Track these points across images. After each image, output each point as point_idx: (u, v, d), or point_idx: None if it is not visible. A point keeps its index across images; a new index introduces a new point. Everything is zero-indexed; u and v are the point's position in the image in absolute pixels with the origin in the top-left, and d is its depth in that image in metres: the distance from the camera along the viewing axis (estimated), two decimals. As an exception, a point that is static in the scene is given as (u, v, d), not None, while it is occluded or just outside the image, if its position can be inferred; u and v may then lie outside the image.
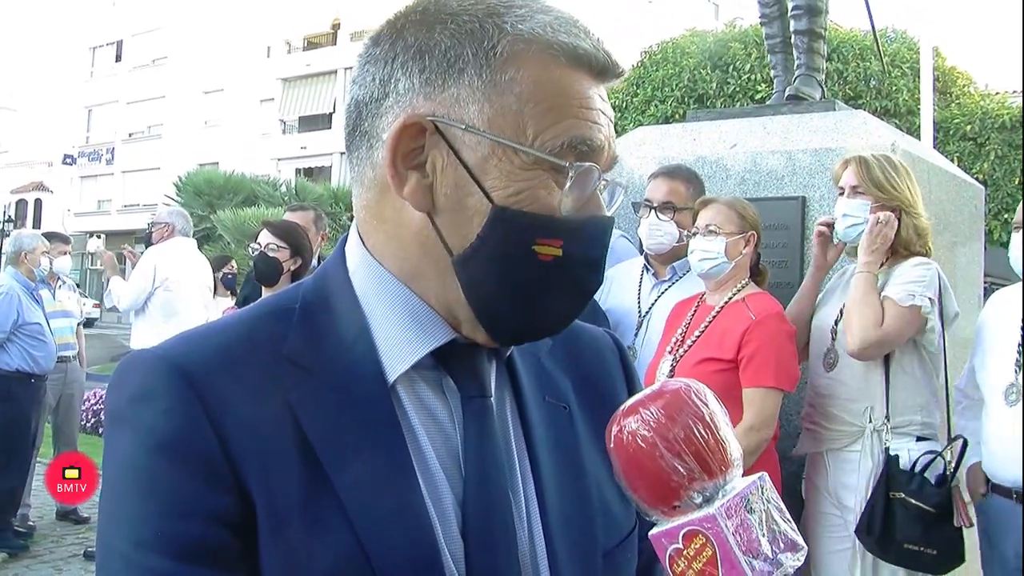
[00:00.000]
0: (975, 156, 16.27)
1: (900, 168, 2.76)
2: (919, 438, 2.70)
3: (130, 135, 41.06)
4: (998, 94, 18.10)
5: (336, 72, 33.73)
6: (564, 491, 0.86)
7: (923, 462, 2.61)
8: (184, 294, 5.48)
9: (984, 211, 4.28)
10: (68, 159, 42.30)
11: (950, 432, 2.75)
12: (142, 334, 5.42)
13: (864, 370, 2.71)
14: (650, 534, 0.77)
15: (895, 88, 16.89)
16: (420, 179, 0.80)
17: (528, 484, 0.85)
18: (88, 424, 8.31)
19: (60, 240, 6.19)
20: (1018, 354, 2.72)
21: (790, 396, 2.78)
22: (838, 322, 2.79)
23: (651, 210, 3.00)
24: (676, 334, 2.80)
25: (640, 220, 3.07)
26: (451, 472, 0.81)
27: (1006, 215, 14.74)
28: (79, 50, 44.15)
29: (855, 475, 2.68)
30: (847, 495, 2.71)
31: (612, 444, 0.77)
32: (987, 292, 3.84)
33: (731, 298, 2.75)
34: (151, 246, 5.71)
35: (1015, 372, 2.72)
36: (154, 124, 39.99)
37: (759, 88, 16.28)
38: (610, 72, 0.83)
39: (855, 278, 2.71)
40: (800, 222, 3.27)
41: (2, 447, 5.39)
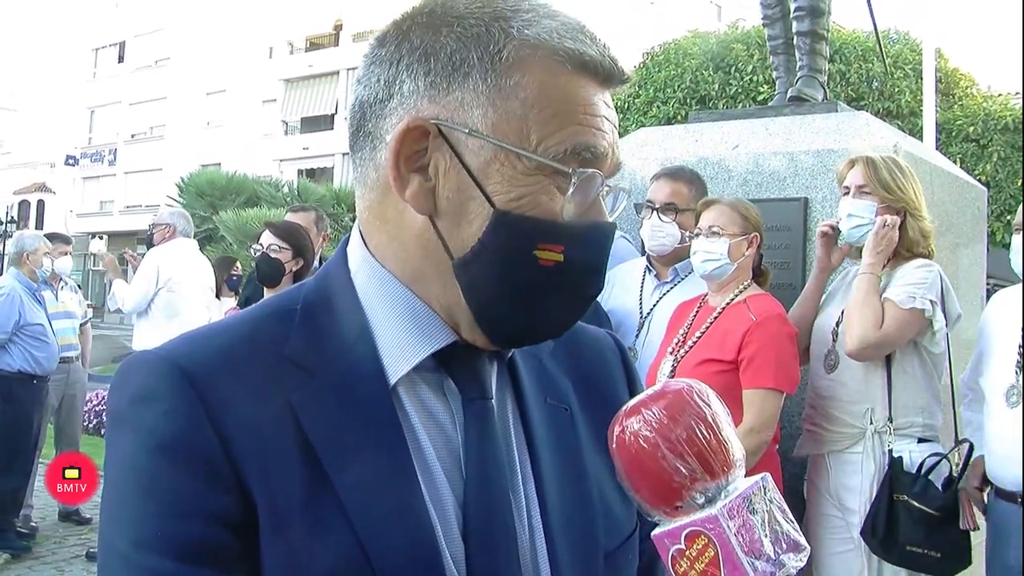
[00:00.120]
0: (978, 158, 16.27)
1: (906, 170, 2.76)
2: (920, 439, 2.69)
3: (132, 136, 41.12)
4: (1001, 96, 18.07)
5: (338, 73, 33.74)
6: (565, 492, 0.86)
7: (928, 464, 2.61)
8: (186, 295, 5.49)
9: (987, 213, 4.28)
10: (71, 160, 42.36)
11: (957, 434, 2.75)
12: (144, 335, 5.43)
13: (865, 372, 2.71)
14: (652, 534, 0.77)
15: (897, 89, 16.89)
16: (422, 182, 0.79)
17: (529, 485, 0.85)
18: (90, 425, 8.32)
19: (61, 240, 6.19)
20: (1019, 355, 2.72)
21: (791, 397, 2.77)
22: (839, 324, 2.78)
23: (653, 211, 2.99)
24: (678, 335, 2.80)
25: (642, 221, 3.06)
26: (452, 473, 0.81)
27: (1008, 217, 14.70)
28: (82, 51, 44.24)
29: (857, 477, 2.68)
30: (849, 497, 2.70)
31: (614, 445, 0.77)
32: (989, 294, 3.83)
33: (733, 299, 2.75)
34: (153, 247, 5.71)
35: (1016, 373, 2.71)
36: (156, 125, 40.05)
37: (761, 89, 16.29)
38: (615, 78, 0.83)
39: (857, 279, 2.71)
40: (802, 223, 3.27)
41: (4, 448, 5.39)
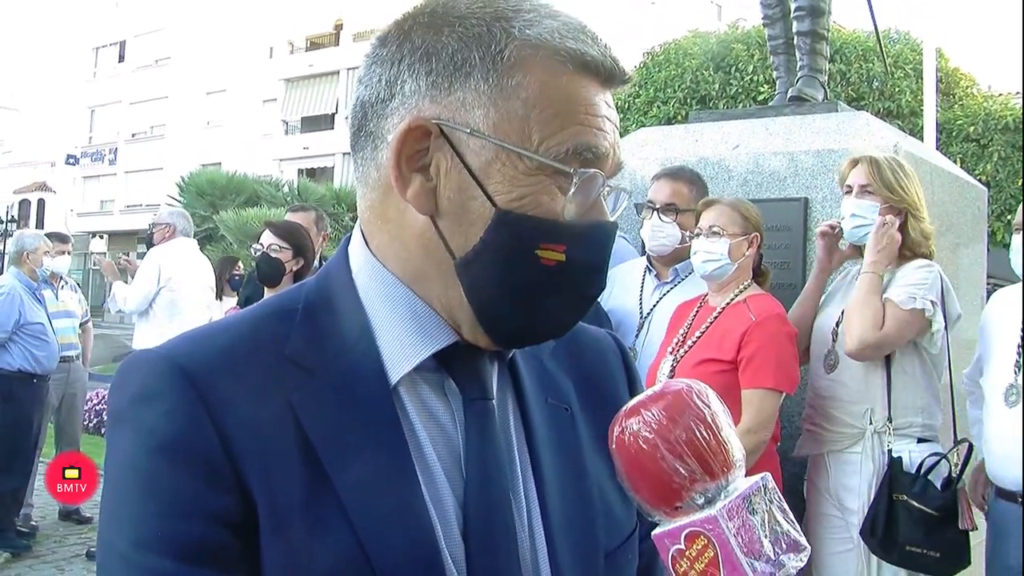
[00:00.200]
0: (978, 158, 16.27)
1: (908, 171, 2.76)
2: (920, 439, 2.69)
3: (133, 135, 41.09)
4: (1001, 96, 18.07)
5: (339, 73, 33.73)
6: (566, 492, 0.86)
7: (927, 464, 2.61)
8: (186, 294, 5.48)
9: (987, 212, 4.28)
10: (71, 159, 42.33)
11: (956, 434, 2.75)
12: (145, 335, 5.42)
13: (865, 372, 2.71)
14: (653, 534, 0.78)
15: (898, 89, 16.89)
16: (424, 182, 0.79)
17: (530, 485, 0.85)
18: (91, 424, 8.32)
19: (58, 239, 6.17)
20: (1018, 355, 2.72)
21: (791, 397, 2.77)
22: (839, 324, 2.78)
23: (654, 212, 2.99)
24: (677, 335, 2.80)
25: (643, 222, 3.06)
26: (452, 474, 0.81)
27: (1009, 216, 14.70)
28: (82, 50, 44.22)
29: (856, 477, 2.68)
30: (848, 497, 2.71)
31: (614, 445, 0.78)
32: (990, 293, 3.83)
33: (733, 299, 2.74)
34: (153, 247, 5.71)
35: (1015, 373, 2.72)
36: (157, 124, 40.02)
37: (761, 89, 16.29)
38: (617, 78, 0.83)
39: (860, 278, 2.71)
40: (802, 223, 3.27)
41: (4, 447, 5.39)
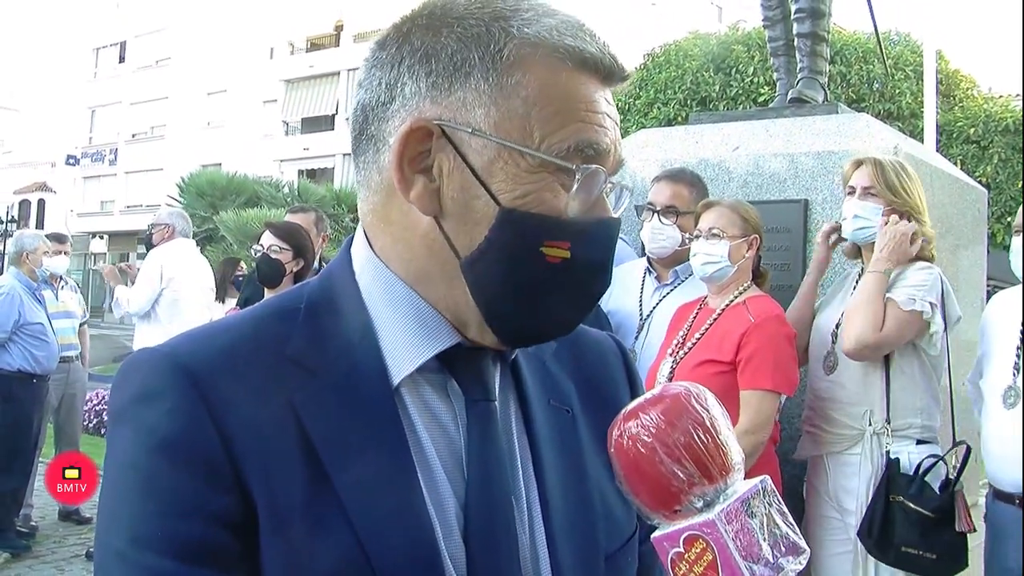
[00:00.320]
0: (978, 159, 16.28)
1: (911, 173, 2.76)
2: (919, 441, 2.69)
3: (133, 136, 41.08)
4: (1001, 97, 18.09)
5: (339, 74, 33.72)
6: (567, 495, 0.86)
7: (925, 466, 2.61)
8: (187, 295, 5.48)
9: (987, 214, 4.28)
10: (71, 160, 42.30)
11: (955, 435, 2.75)
12: (145, 335, 5.42)
13: (864, 373, 2.71)
14: (652, 537, 0.78)
15: (898, 91, 16.90)
16: (427, 183, 0.80)
17: (531, 487, 0.85)
18: (90, 425, 8.32)
19: (55, 239, 6.16)
20: (1017, 357, 2.72)
21: (791, 399, 2.77)
22: (839, 325, 2.78)
23: (654, 214, 2.99)
24: (677, 337, 2.80)
25: (643, 223, 3.06)
26: (454, 475, 0.81)
27: (1009, 218, 14.69)
28: (83, 51, 44.20)
29: (855, 478, 2.68)
30: (847, 498, 2.71)
31: (613, 448, 0.78)
32: (990, 295, 3.83)
33: (733, 301, 2.75)
34: (152, 247, 5.71)
35: (1014, 375, 2.72)
36: (157, 125, 40.01)
37: (762, 91, 16.30)
38: (616, 75, 0.83)
39: (866, 277, 2.70)
40: (802, 225, 3.27)
41: (4, 448, 5.39)
